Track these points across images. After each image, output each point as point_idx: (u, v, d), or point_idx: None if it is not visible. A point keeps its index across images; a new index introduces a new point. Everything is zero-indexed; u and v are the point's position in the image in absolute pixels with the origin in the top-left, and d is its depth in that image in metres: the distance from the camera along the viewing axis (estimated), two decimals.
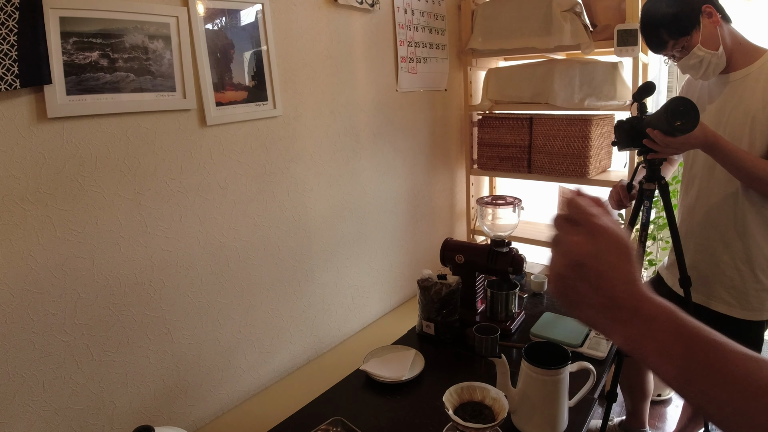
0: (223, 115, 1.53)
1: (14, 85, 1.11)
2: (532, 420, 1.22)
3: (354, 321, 2.21)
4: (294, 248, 1.86)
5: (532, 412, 1.22)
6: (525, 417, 1.23)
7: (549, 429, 1.21)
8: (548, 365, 1.18)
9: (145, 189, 1.40)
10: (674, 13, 1.52)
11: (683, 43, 1.53)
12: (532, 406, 1.21)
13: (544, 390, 1.19)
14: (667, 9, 1.53)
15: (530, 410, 1.22)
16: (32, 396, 1.26)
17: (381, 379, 1.55)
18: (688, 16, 1.51)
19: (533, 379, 1.19)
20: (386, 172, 2.25)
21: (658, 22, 1.55)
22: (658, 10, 1.54)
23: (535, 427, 1.22)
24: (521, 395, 1.23)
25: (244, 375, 1.76)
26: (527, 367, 1.20)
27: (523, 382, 1.22)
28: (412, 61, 2.27)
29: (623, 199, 1.81)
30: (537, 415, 1.21)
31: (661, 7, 1.54)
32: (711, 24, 1.50)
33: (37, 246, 1.22)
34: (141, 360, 1.47)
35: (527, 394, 1.21)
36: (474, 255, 1.77)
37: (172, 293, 1.51)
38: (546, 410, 1.20)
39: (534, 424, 1.22)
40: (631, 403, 2.23)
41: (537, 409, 1.21)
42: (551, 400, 1.20)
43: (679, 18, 1.52)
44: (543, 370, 1.17)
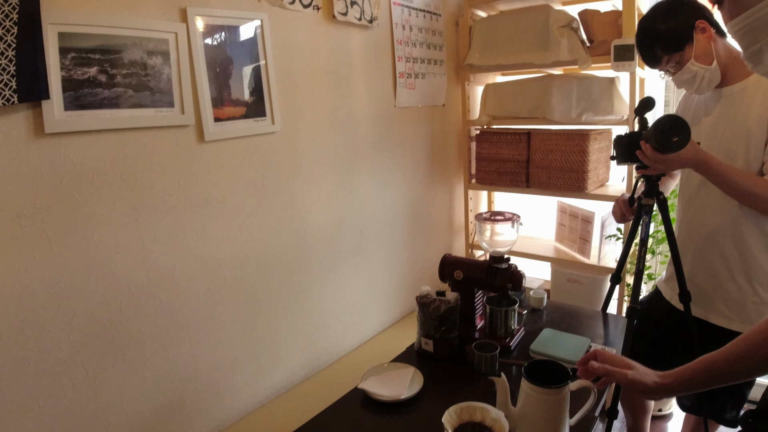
0: (222, 131, 1.53)
1: (12, 100, 1.11)
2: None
3: (352, 336, 2.20)
4: (292, 263, 1.85)
5: (532, 431, 1.19)
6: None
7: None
8: (549, 384, 1.16)
9: (143, 205, 1.39)
10: (667, 29, 1.53)
11: (677, 58, 1.54)
12: (533, 425, 1.18)
13: (544, 409, 1.17)
14: (660, 25, 1.54)
15: (531, 429, 1.19)
16: (27, 413, 1.24)
17: (379, 398, 1.53)
18: (681, 32, 1.52)
19: (533, 398, 1.17)
20: (385, 187, 2.24)
21: (653, 38, 1.56)
22: (653, 26, 1.55)
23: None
24: (521, 414, 1.20)
25: (240, 392, 1.75)
26: (527, 386, 1.17)
27: (524, 401, 1.20)
28: (410, 76, 2.28)
29: (626, 213, 1.81)
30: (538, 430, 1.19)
31: (655, 23, 1.55)
32: (705, 39, 1.51)
33: (33, 261, 1.21)
34: (137, 377, 1.45)
35: (527, 413, 1.19)
36: (473, 271, 1.76)
37: (168, 309, 1.49)
38: (547, 429, 1.18)
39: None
40: (632, 419, 2.21)
41: (538, 428, 1.18)
42: (552, 419, 1.17)
43: (672, 33, 1.52)
44: (543, 389, 1.15)
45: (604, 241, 2.50)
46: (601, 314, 1.99)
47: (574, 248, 2.61)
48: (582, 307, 2.27)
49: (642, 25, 1.59)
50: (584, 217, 2.51)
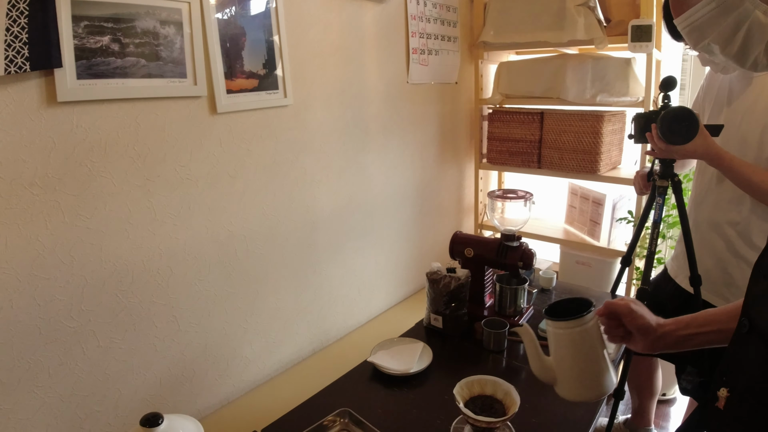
0: (234, 102, 1.52)
1: (24, 68, 1.10)
2: (578, 384, 1.06)
3: (360, 314, 2.20)
4: (301, 239, 1.85)
5: (574, 375, 1.05)
6: (569, 384, 1.06)
7: (598, 389, 1.04)
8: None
9: (155, 176, 1.39)
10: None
11: None
12: (574, 367, 1.05)
13: (580, 344, 1.03)
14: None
15: (572, 374, 1.06)
16: (37, 382, 1.25)
17: (388, 372, 1.54)
18: None
19: (565, 337, 1.04)
20: (395, 165, 2.23)
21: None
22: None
23: (584, 390, 1.05)
24: (558, 361, 1.06)
25: (249, 365, 1.76)
26: (554, 327, 1.04)
27: (555, 346, 1.06)
28: (423, 52, 2.25)
29: (643, 187, 1.79)
30: (581, 377, 1.05)
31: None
32: None
33: (44, 231, 1.21)
34: (147, 348, 1.46)
35: (563, 356, 1.05)
36: (484, 249, 1.76)
37: (179, 281, 1.50)
38: (588, 367, 1.04)
39: (581, 387, 1.05)
40: (639, 400, 2.22)
41: (580, 368, 1.05)
42: (591, 352, 1.03)
43: None
44: (571, 321, 1.01)
45: (615, 223, 2.48)
46: (611, 296, 1.99)
47: (584, 230, 2.59)
48: (591, 288, 2.26)
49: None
50: (595, 200, 2.49)
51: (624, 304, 0.97)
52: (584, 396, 1.06)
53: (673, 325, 0.94)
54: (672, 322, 0.94)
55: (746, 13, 0.62)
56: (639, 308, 0.96)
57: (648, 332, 0.95)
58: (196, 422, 1.01)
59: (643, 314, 0.96)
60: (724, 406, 0.77)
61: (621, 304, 0.97)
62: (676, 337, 0.93)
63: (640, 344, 0.97)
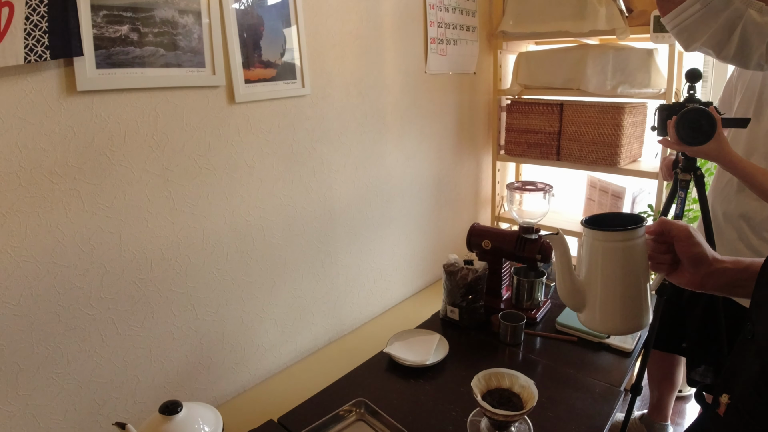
0: (252, 92, 1.52)
1: (44, 57, 1.10)
2: (611, 311, 0.90)
3: (376, 304, 2.20)
4: (318, 229, 1.85)
5: (609, 300, 0.90)
6: (601, 310, 0.90)
7: (634, 320, 0.89)
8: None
9: (173, 165, 1.40)
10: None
11: None
12: (609, 292, 0.89)
13: (622, 264, 0.88)
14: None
15: (606, 298, 0.90)
16: (56, 368, 1.27)
17: (404, 363, 1.54)
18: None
19: (606, 252, 0.88)
20: (412, 156, 2.22)
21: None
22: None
23: (618, 319, 0.90)
24: (591, 281, 0.90)
25: (266, 354, 1.77)
26: (595, 237, 0.88)
27: (591, 263, 0.90)
28: (441, 42, 2.23)
29: (668, 175, 1.77)
30: (617, 303, 0.89)
31: None
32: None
33: (64, 219, 1.22)
34: (165, 335, 1.47)
35: (599, 276, 0.89)
36: (502, 241, 1.75)
37: (197, 270, 1.51)
38: (627, 292, 0.89)
39: (615, 315, 0.90)
40: (658, 394, 2.19)
41: (615, 294, 0.89)
42: (633, 276, 0.88)
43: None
44: (620, 233, 0.86)
45: None
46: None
47: None
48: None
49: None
50: (615, 193, 2.46)
51: (683, 226, 0.83)
52: (616, 327, 0.91)
53: (730, 264, 0.81)
54: (730, 261, 0.82)
55: (738, 13, 0.57)
56: (698, 233, 0.83)
57: (701, 264, 0.82)
58: (214, 410, 1.02)
59: (701, 242, 0.83)
60: (723, 412, 0.70)
61: (679, 225, 0.83)
62: (730, 278, 0.81)
63: (688, 277, 0.84)
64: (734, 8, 0.56)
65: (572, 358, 1.57)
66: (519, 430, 1.16)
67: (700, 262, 0.82)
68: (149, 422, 0.96)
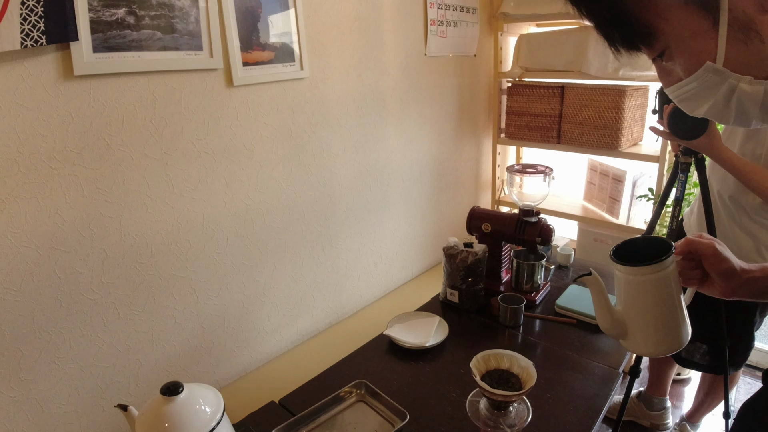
0: (250, 75, 1.51)
1: (40, 42, 1.10)
2: (654, 337, 0.94)
3: (376, 287, 2.21)
4: (318, 213, 1.85)
5: (650, 327, 0.94)
6: (644, 337, 0.95)
7: (676, 341, 0.93)
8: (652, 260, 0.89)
9: (172, 149, 1.39)
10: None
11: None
12: (649, 320, 0.93)
13: (658, 294, 0.91)
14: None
15: (647, 326, 0.94)
16: (58, 353, 1.28)
17: (404, 345, 1.55)
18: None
19: (641, 285, 0.91)
20: (412, 139, 2.21)
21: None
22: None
23: (661, 343, 0.94)
24: (630, 312, 0.94)
25: (267, 337, 1.78)
26: (625, 272, 0.91)
27: (627, 296, 0.94)
28: (441, 24, 2.21)
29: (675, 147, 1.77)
30: (658, 329, 0.94)
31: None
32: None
33: (64, 204, 1.22)
34: (167, 319, 1.48)
35: (637, 307, 0.93)
36: (501, 224, 1.75)
37: (198, 254, 1.51)
38: (667, 318, 0.92)
39: (658, 340, 0.94)
40: (659, 369, 2.20)
41: (655, 321, 0.93)
42: (669, 302, 0.91)
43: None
44: (652, 267, 0.88)
45: (635, 201, 2.45)
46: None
47: (602, 207, 2.56)
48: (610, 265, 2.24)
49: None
50: (615, 176, 2.45)
51: (709, 244, 0.85)
52: (660, 350, 0.94)
53: (759, 272, 0.84)
54: (758, 269, 0.85)
55: (731, 86, 0.63)
56: (724, 250, 0.85)
57: (732, 277, 0.84)
58: (215, 391, 1.03)
59: (728, 257, 0.85)
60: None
61: (706, 244, 0.86)
62: (760, 286, 0.84)
63: (719, 289, 0.87)
64: (728, 83, 0.62)
65: (571, 340, 1.58)
66: (518, 410, 1.17)
67: (730, 276, 0.84)
68: (151, 403, 0.97)
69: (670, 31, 0.62)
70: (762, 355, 2.67)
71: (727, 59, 0.60)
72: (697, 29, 0.60)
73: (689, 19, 0.60)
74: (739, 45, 0.59)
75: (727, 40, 0.59)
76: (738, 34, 0.58)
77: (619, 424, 1.83)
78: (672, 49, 0.64)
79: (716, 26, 0.58)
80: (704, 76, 0.63)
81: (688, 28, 0.61)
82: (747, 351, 1.83)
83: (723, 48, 0.60)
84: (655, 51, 0.65)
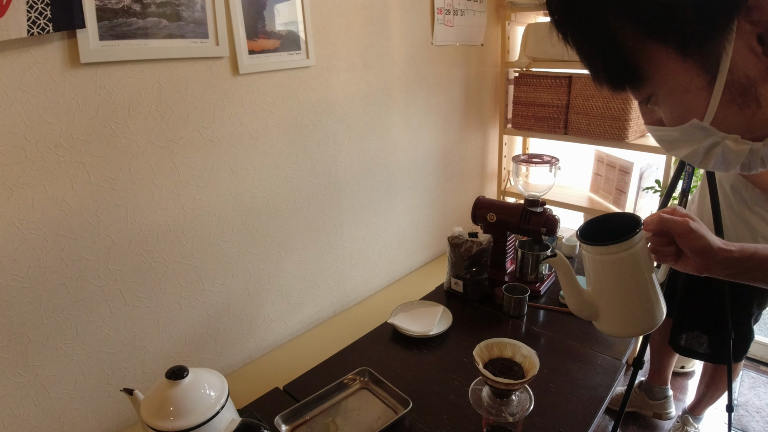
0: (256, 63, 1.51)
1: (47, 29, 1.10)
2: (625, 317, 0.91)
3: (381, 276, 2.22)
4: (323, 202, 1.85)
5: (620, 308, 0.91)
6: (615, 318, 0.92)
7: (648, 321, 0.90)
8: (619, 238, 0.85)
9: (178, 137, 1.40)
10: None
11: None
12: (619, 300, 0.90)
13: (627, 272, 0.87)
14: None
15: (618, 307, 0.91)
16: (65, 339, 1.29)
17: (408, 333, 1.56)
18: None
19: (608, 264, 0.88)
20: (418, 129, 2.21)
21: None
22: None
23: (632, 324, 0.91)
24: (600, 293, 0.92)
25: (272, 325, 1.79)
26: (595, 252, 0.88)
27: (596, 276, 0.91)
28: (448, 12, 2.20)
29: None
30: (629, 309, 0.91)
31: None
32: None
33: (70, 192, 1.23)
34: (173, 306, 1.49)
35: (606, 287, 0.90)
36: (507, 214, 1.75)
37: (203, 242, 1.52)
38: (637, 297, 0.89)
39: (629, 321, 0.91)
40: (659, 358, 2.21)
41: (625, 301, 0.90)
42: (640, 281, 0.88)
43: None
44: (619, 245, 0.84)
45: (641, 193, 2.44)
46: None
47: (609, 199, 2.55)
48: None
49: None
50: (622, 168, 2.44)
51: (682, 222, 0.82)
52: (632, 331, 0.92)
53: (738, 253, 0.81)
54: (737, 249, 0.81)
55: (715, 141, 0.59)
56: (698, 227, 0.82)
57: (707, 254, 0.81)
58: (220, 376, 1.04)
59: (703, 234, 0.81)
60: None
61: (678, 222, 0.82)
62: (737, 266, 0.81)
63: (693, 266, 0.84)
64: (713, 139, 0.59)
65: (575, 330, 1.58)
66: (520, 399, 1.17)
67: (705, 253, 0.81)
68: (156, 387, 0.98)
69: (662, 81, 0.58)
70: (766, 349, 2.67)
71: (717, 119, 0.57)
72: (691, 86, 0.56)
73: (684, 75, 0.56)
74: (732, 107, 0.56)
75: (720, 102, 0.55)
76: (735, 96, 0.55)
77: (622, 415, 1.84)
78: (659, 96, 0.61)
79: (712, 86, 0.54)
80: (688, 130, 0.60)
81: (681, 82, 0.57)
82: (746, 342, 1.83)
83: (714, 108, 0.56)
84: (641, 96, 0.62)
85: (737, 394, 2.45)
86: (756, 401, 2.42)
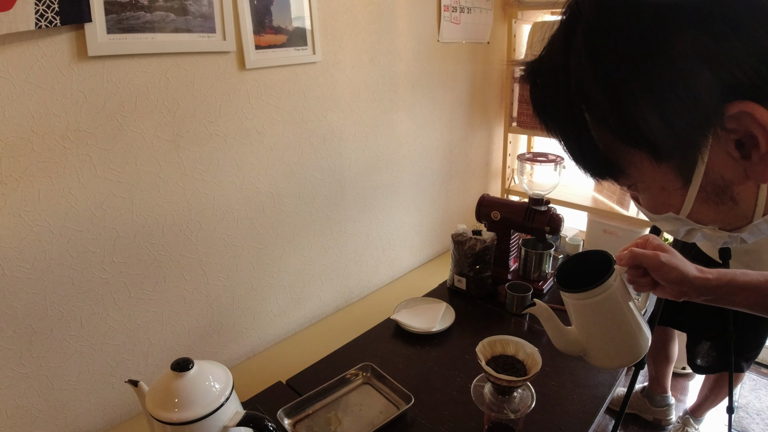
0: (263, 58, 1.51)
1: (54, 23, 1.10)
2: (610, 352, 0.96)
3: (384, 273, 2.22)
4: (328, 197, 1.85)
5: (605, 344, 0.96)
6: (601, 353, 0.97)
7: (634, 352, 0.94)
8: (593, 282, 0.89)
9: (184, 131, 1.40)
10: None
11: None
12: (602, 338, 0.95)
13: (605, 313, 0.92)
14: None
15: (602, 343, 0.96)
16: (69, 331, 1.30)
17: (411, 329, 1.56)
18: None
19: (586, 308, 0.92)
20: (423, 126, 2.21)
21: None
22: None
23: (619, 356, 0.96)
24: (583, 333, 0.97)
25: (275, 319, 1.80)
26: (572, 298, 0.92)
27: (577, 318, 0.96)
28: (455, 10, 2.20)
29: None
30: (613, 344, 0.95)
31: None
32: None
33: (77, 184, 1.24)
34: (177, 299, 1.50)
35: (588, 328, 0.96)
36: (511, 212, 1.75)
37: (208, 236, 1.53)
38: (619, 332, 0.93)
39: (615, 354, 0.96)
40: (655, 368, 2.21)
41: (608, 338, 0.95)
42: (619, 317, 0.92)
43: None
44: (593, 290, 0.89)
45: None
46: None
47: (612, 199, 2.55)
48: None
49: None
50: None
51: (652, 255, 0.84)
52: (620, 363, 0.96)
53: (715, 281, 0.83)
54: (714, 277, 0.83)
55: (694, 228, 0.61)
56: (670, 259, 0.84)
57: (682, 284, 0.84)
58: (225, 368, 1.04)
59: (676, 265, 0.84)
60: None
61: (649, 256, 0.84)
62: (714, 293, 0.84)
63: (670, 293, 0.87)
64: (691, 226, 0.61)
65: None
66: (522, 396, 1.18)
67: (680, 282, 0.84)
68: (161, 378, 0.98)
69: (639, 178, 0.58)
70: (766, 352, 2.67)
71: (693, 213, 0.58)
72: (667, 185, 0.56)
73: (660, 176, 0.56)
74: (708, 204, 0.56)
75: (696, 199, 0.55)
76: (710, 196, 0.55)
77: (622, 416, 1.84)
78: (638, 186, 0.61)
79: (687, 186, 0.55)
80: (667, 218, 0.60)
81: (657, 181, 0.57)
82: (755, 350, 1.81)
83: (690, 206, 0.56)
84: (622, 185, 0.62)
85: (738, 396, 2.45)
86: (756, 403, 2.42)
